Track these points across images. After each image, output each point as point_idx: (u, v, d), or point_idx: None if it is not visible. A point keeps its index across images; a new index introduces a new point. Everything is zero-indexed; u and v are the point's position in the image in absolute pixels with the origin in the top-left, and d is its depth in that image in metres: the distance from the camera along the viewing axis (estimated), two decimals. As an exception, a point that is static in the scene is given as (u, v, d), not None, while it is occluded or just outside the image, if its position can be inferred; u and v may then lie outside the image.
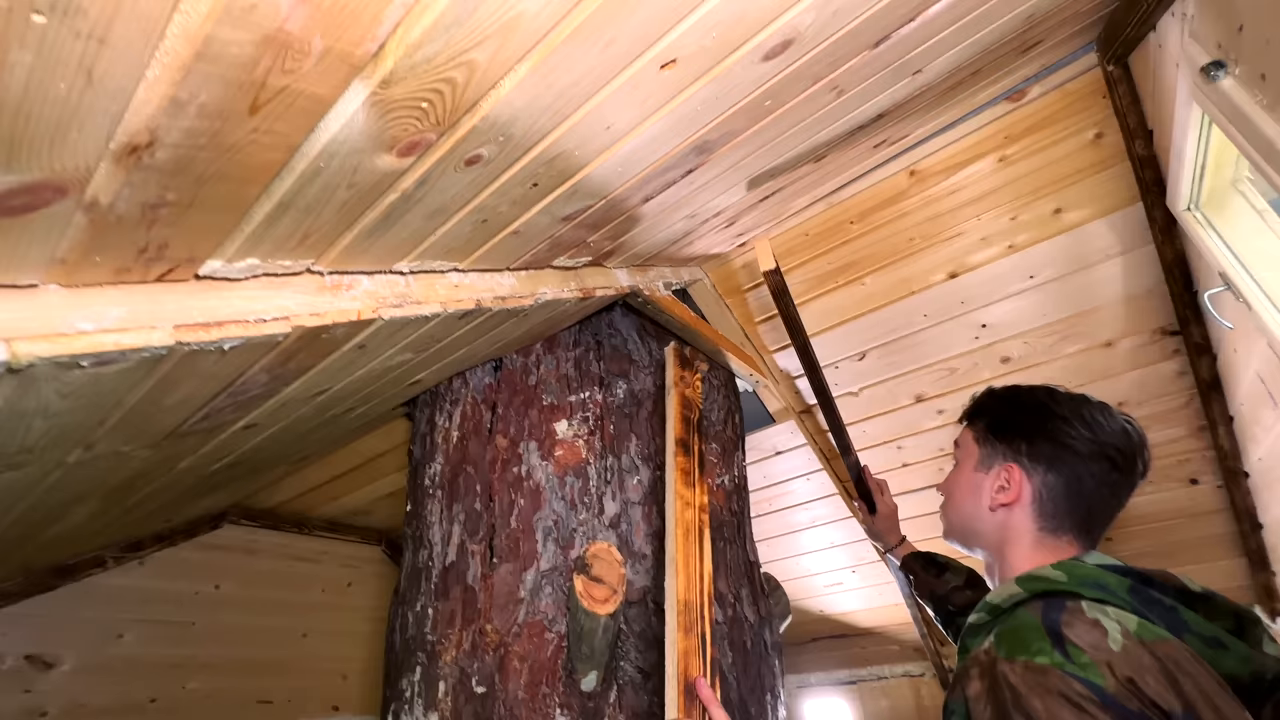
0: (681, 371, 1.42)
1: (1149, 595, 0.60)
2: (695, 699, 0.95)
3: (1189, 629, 0.57)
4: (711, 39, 0.58)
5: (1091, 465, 0.73)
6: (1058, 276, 1.52)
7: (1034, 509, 0.75)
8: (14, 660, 1.83)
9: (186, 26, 0.33)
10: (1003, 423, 0.81)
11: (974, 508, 0.81)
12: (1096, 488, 0.74)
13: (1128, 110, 1.26)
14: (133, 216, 0.47)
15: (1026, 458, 0.76)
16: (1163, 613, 0.59)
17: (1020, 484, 0.76)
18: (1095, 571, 0.64)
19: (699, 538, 1.14)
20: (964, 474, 0.84)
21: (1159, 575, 0.63)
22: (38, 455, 0.73)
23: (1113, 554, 1.92)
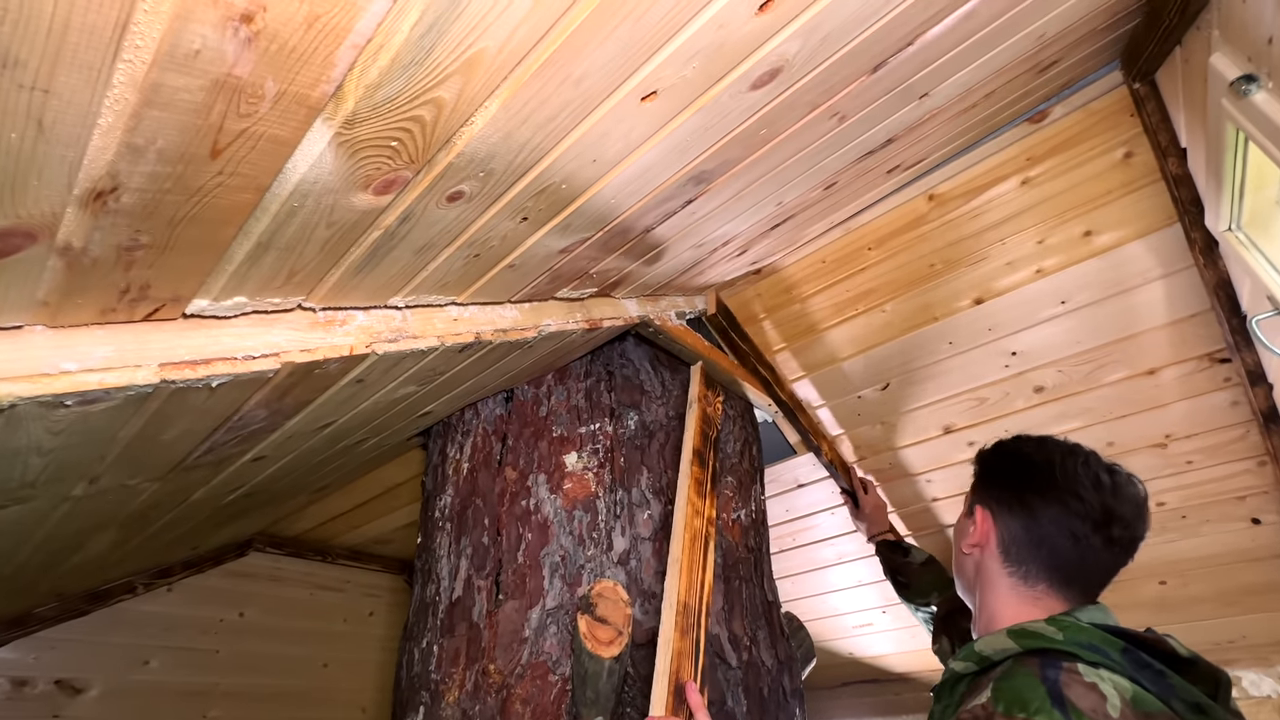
0: (705, 390, 1.41)
1: (1141, 659, 0.61)
2: (683, 703, 0.93)
3: (1176, 695, 0.58)
4: (692, 70, 0.57)
5: (1049, 510, 0.74)
6: (1092, 301, 1.45)
7: (999, 552, 0.77)
8: (44, 685, 1.87)
9: (132, 75, 0.33)
10: (988, 470, 0.85)
11: (956, 551, 0.85)
12: (1058, 535, 0.73)
13: (1158, 128, 1.20)
14: (108, 259, 0.47)
15: (994, 501, 0.80)
16: (1153, 677, 0.59)
17: (984, 526, 0.79)
18: (1090, 631, 0.64)
19: (705, 547, 1.11)
20: (959, 521, 0.87)
21: (1151, 639, 0.64)
22: (41, 490, 0.75)
23: (1169, 601, 1.78)
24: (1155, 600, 1.84)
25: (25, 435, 0.58)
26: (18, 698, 1.81)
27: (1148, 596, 1.85)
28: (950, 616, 1.18)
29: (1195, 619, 1.84)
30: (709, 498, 1.21)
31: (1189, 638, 1.88)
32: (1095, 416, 1.59)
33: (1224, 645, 1.88)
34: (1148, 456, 1.60)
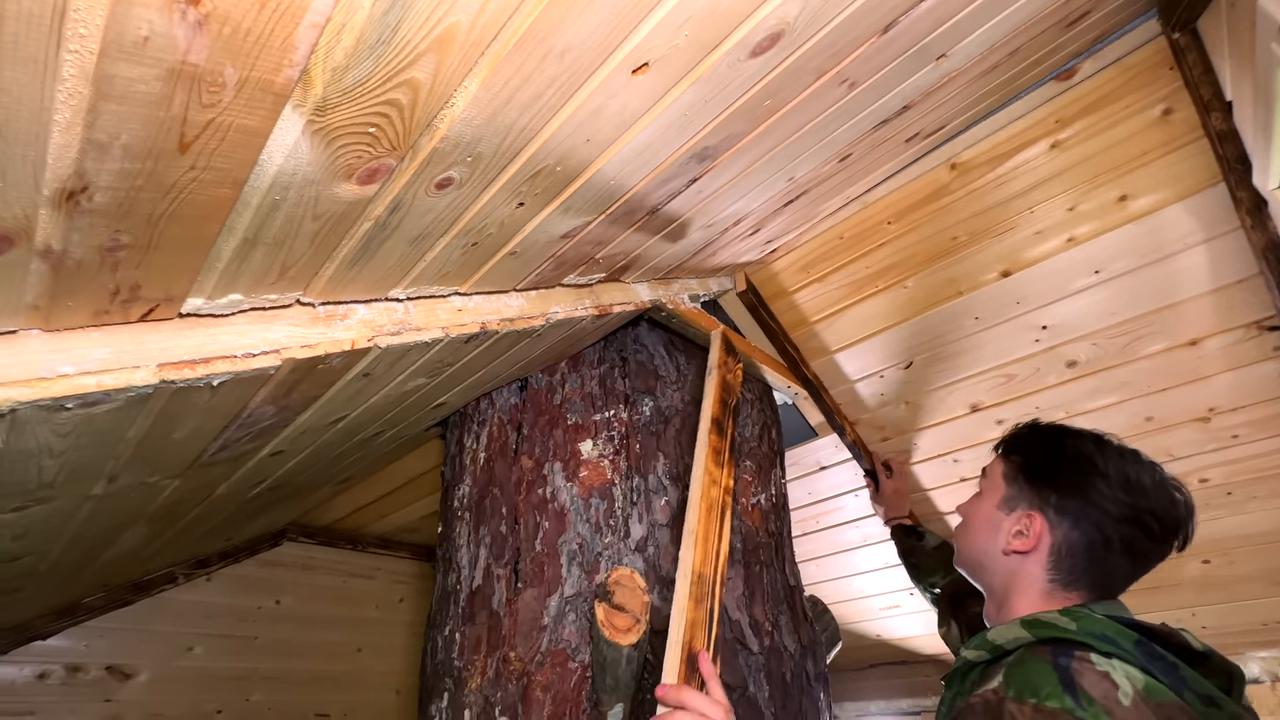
0: (725, 357, 1.38)
1: (1154, 651, 0.60)
2: (696, 671, 0.91)
3: (1188, 687, 0.57)
4: (684, 38, 0.54)
5: (1122, 529, 0.70)
6: (1128, 270, 1.37)
7: (1049, 561, 0.73)
8: (96, 671, 1.96)
9: (82, 66, 0.32)
10: (1037, 466, 0.78)
11: (987, 545, 0.79)
12: (1122, 553, 0.70)
13: (1200, 81, 1.12)
14: (92, 261, 0.47)
15: (1053, 509, 0.74)
16: (1166, 669, 0.58)
17: (1040, 535, 0.73)
18: (1104, 623, 0.63)
19: (721, 517, 1.09)
20: (984, 507, 0.81)
21: (1164, 631, 0.63)
22: (61, 490, 0.76)
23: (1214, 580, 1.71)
24: (1199, 580, 1.77)
25: (33, 439, 0.59)
26: (72, 683, 1.90)
27: (1190, 576, 1.78)
28: (957, 599, 1.15)
29: (1241, 599, 1.77)
30: (727, 467, 1.18)
31: (1235, 618, 1.81)
32: (1132, 391, 1.52)
33: (1272, 626, 1.81)
34: (1189, 431, 1.53)
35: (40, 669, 1.84)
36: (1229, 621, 1.84)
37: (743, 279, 1.57)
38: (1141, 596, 1.93)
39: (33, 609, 1.66)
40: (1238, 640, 1.89)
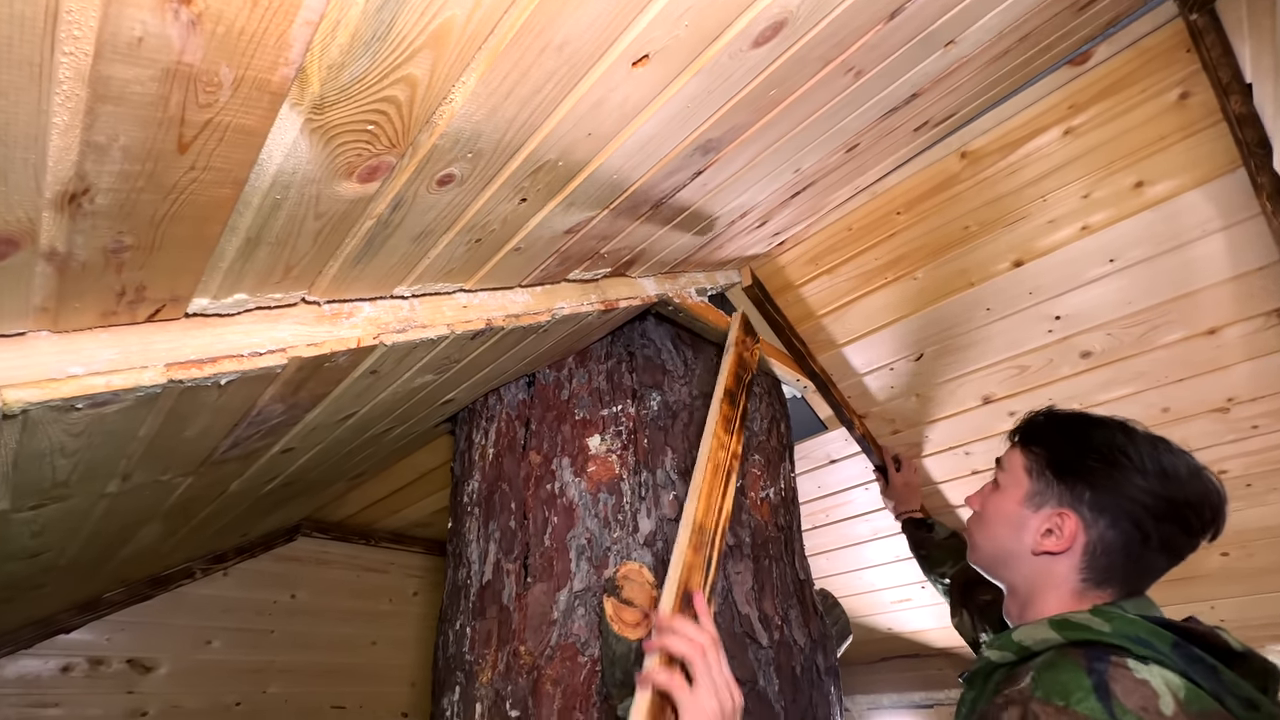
0: (743, 335, 1.40)
1: (1192, 653, 0.57)
2: (690, 608, 0.92)
3: (1229, 690, 0.55)
4: (684, 29, 0.53)
5: (1161, 525, 0.66)
6: (1144, 258, 1.34)
7: (1082, 561, 0.69)
8: (118, 664, 2.00)
9: (78, 68, 0.32)
10: (1066, 461, 0.72)
11: (1013, 544, 0.74)
12: (1159, 549, 0.67)
13: (1219, 63, 1.09)
14: (97, 262, 0.47)
15: (1088, 507, 0.69)
16: (1205, 672, 0.55)
17: (1074, 535, 0.69)
18: (1139, 624, 0.60)
19: (726, 479, 1.12)
20: (1007, 503, 0.76)
21: (1202, 631, 0.60)
22: (75, 489, 0.77)
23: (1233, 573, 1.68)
24: (1218, 572, 1.74)
25: (46, 439, 0.60)
26: (95, 675, 1.94)
27: (1210, 568, 1.75)
28: (967, 587, 1.13)
29: (1261, 591, 1.74)
30: (736, 435, 1.20)
31: (1255, 611, 1.78)
32: (1149, 381, 1.49)
33: (1294, 618, 1.78)
34: (1208, 422, 1.50)
35: (64, 662, 1.88)
36: (1249, 615, 1.81)
37: (748, 274, 1.55)
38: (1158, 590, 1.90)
39: (55, 603, 1.69)
40: (1257, 633, 1.86)
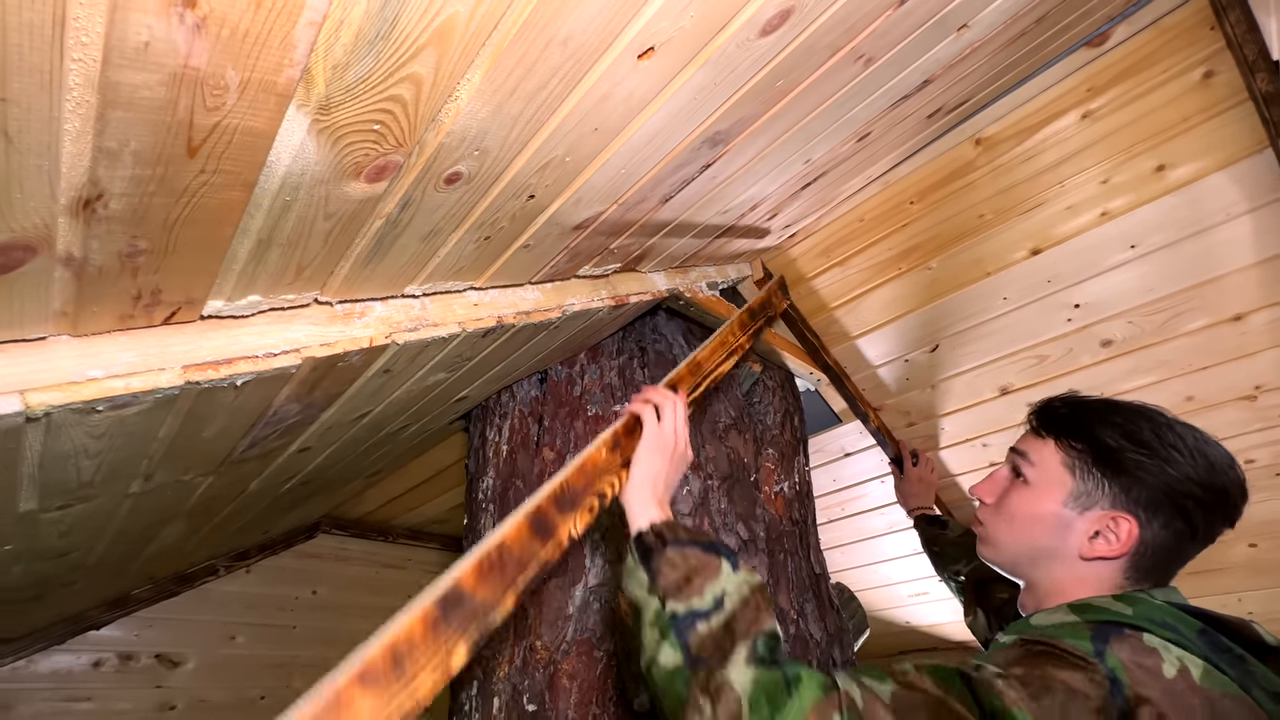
0: (777, 289, 1.44)
1: (1220, 642, 0.54)
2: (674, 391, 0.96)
3: (1257, 683, 0.51)
4: (690, 19, 0.53)
5: (1208, 517, 0.63)
6: (1166, 244, 1.31)
7: (1130, 562, 0.65)
8: (147, 659, 2.05)
9: (87, 74, 0.32)
10: (1115, 458, 0.66)
11: (1052, 547, 0.69)
12: (1202, 541, 0.65)
13: (1244, 40, 1.06)
14: (113, 266, 0.48)
15: (1143, 508, 0.64)
16: (1232, 662, 0.52)
17: (1130, 538, 0.64)
18: (1164, 609, 0.57)
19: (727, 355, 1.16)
20: (1045, 503, 0.70)
21: (1233, 622, 0.57)
22: (100, 489, 0.79)
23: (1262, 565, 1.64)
24: (1246, 564, 1.71)
25: (69, 441, 0.61)
26: (125, 670, 1.99)
27: (1237, 560, 1.71)
28: (981, 586, 1.11)
29: (1292, 583, 1.70)
30: (746, 336, 1.24)
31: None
32: (1172, 370, 1.46)
33: (1326, 610, 1.73)
34: (1234, 410, 1.47)
35: (95, 657, 1.93)
36: (1277, 607, 1.77)
37: (759, 267, 1.54)
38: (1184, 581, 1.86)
39: (86, 601, 1.74)
40: (1288, 626, 1.82)
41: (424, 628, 0.53)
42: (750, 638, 0.59)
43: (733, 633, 0.59)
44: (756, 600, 0.63)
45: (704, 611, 0.61)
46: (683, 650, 0.58)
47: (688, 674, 0.57)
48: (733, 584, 0.64)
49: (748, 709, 0.53)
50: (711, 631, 0.59)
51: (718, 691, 0.55)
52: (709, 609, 0.61)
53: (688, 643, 0.59)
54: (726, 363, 1.14)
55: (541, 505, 0.69)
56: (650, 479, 0.77)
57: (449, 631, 0.55)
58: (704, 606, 0.61)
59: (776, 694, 0.54)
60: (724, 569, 0.65)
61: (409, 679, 0.50)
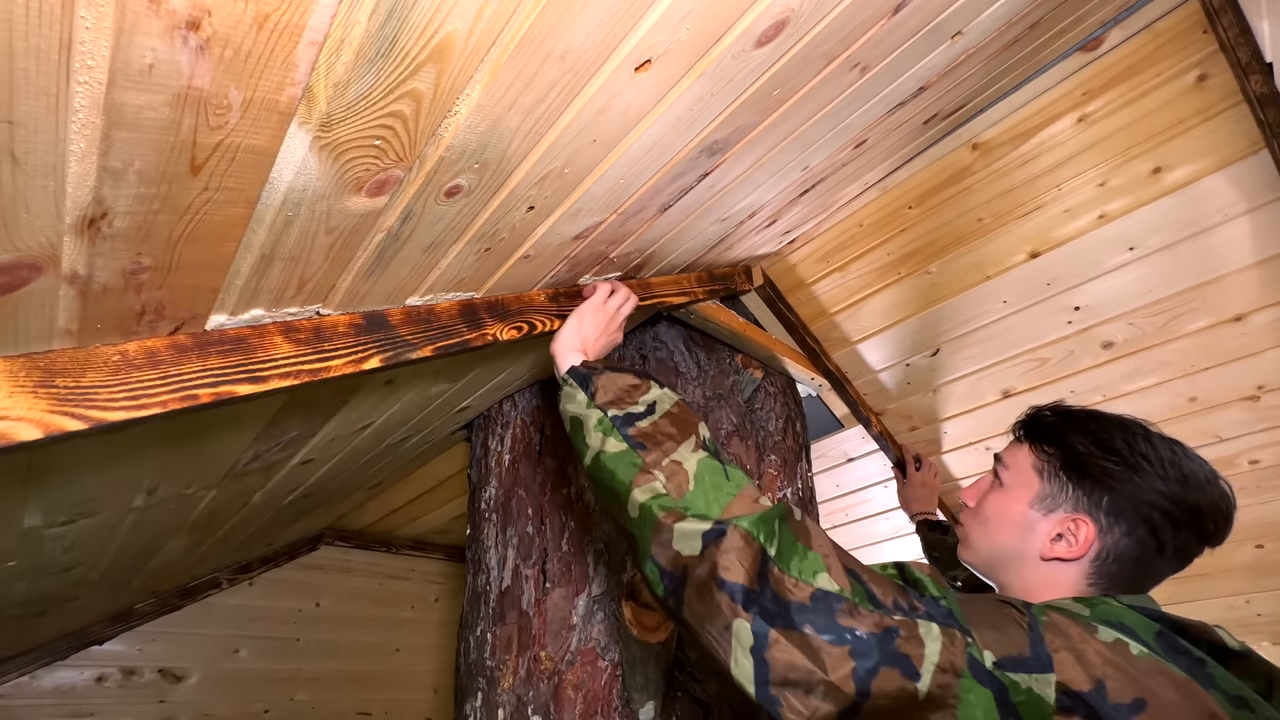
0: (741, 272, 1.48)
1: (1177, 644, 0.53)
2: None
3: (1215, 685, 0.51)
4: (686, 32, 0.53)
5: (1178, 534, 0.63)
6: (1165, 245, 1.31)
7: (1091, 568, 0.65)
8: (150, 674, 2.04)
9: (92, 97, 0.33)
10: (1083, 463, 0.67)
11: (1017, 548, 0.70)
12: (1173, 557, 0.64)
13: (1237, 43, 1.06)
14: (117, 284, 0.48)
15: (1104, 513, 0.65)
16: (1190, 664, 0.52)
17: (1089, 542, 0.65)
18: (1123, 610, 0.57)
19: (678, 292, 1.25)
20: (1013, 504, 0.71)
21: (1193, 626, 0.56)
22: (104, 504, 0.79)
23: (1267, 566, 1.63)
24: (1251, 565, 1.70)
25: (74, 456, 0.61)
26: (128, 685, 1.98)
27: (1243, 561, 1.70)
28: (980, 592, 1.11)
29: (1299, 584, 1.69)
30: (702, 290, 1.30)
31: (1293, 604, 1.73)
32: (1174, 371, 1.46)
33: (1334, 611, 1.72)
34: (1237, 411, 1.46)
35: (98, 672, 1.92)
36: (1287, 608, 1.76)
37: (759, 273, 1.55)
38: (1191, 583, 1.86)
39: (89, 615, 1.74)
40: (1296, 627, 1.81)
41: (347, 325, 0.67)
42: (694, 433, 0.70)
43: (676, 427, 0.70)
44: (682, 408, 0.74)
45: (639, 414, 0.72)
46: (627, 440, 0.68)
47: (637, 456, 0.67)
48: (660, 394, 0.75)
49: (693, 483, 0.63)
50: (653, 425, 0.70)
51: (670, 468, 0.65)
52: (644, 412, 0.72)
53: (629, 434, 0.69)
54: (675, 298, 1.24)
55: (475, 302, 0.82)
56: (581, 334, 0.88)
57: (367, 340, 0.68)
58: (639, 410, 0.72)
59: (718, 477, 0.64)
60: (652, 385, 0.77)
61: (324, 353, 0.64)
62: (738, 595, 0.53)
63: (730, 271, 1.37)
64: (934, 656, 0.50)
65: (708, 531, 0.57)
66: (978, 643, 0.51)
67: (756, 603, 0.52)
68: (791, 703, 0.50)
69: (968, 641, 0.51)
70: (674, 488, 0.63)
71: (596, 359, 0.86)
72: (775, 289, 1.63)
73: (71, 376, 0.49)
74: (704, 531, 0.57)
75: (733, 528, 0.57)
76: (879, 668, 0.49)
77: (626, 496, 0.65)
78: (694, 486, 0.62)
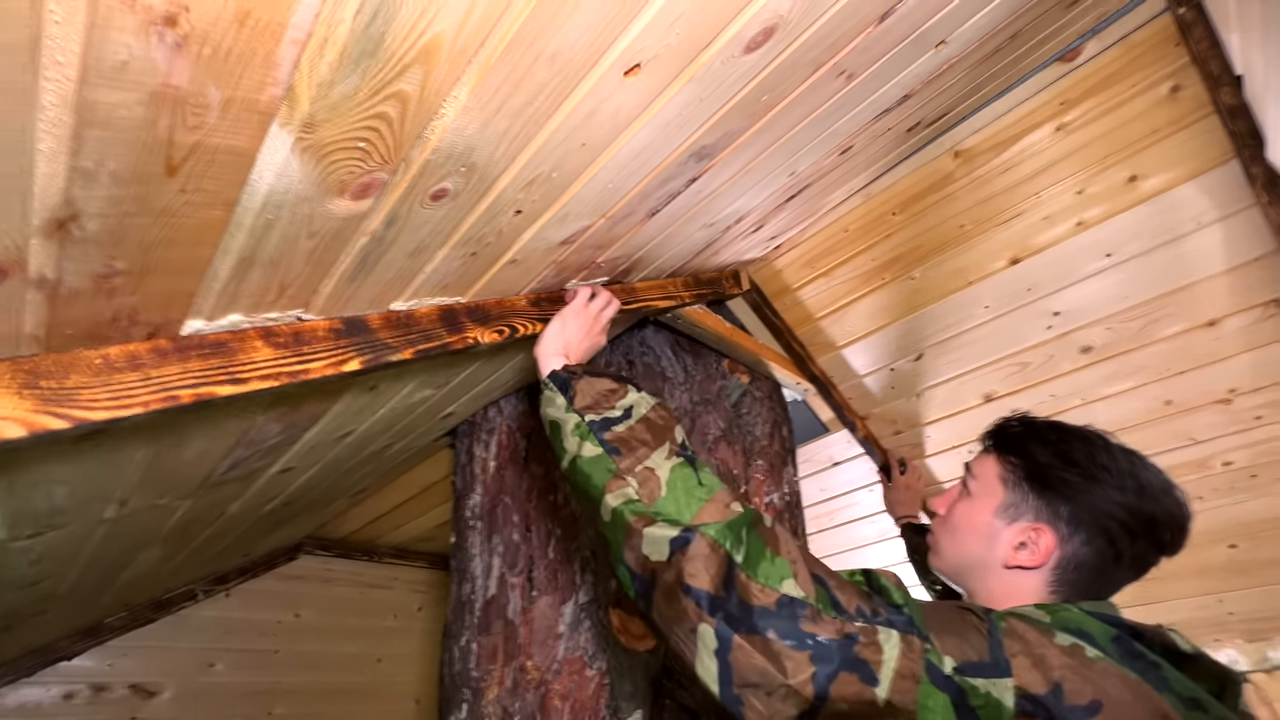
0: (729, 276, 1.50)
1: (1133, 649, 0.55)
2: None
3: (1170, 688, 0.52)
4: (675, 37, 0.53)
5: (1136, 543, 0.65)
6: (1141, 252, 1.34)
7: (1052, 575, 0.67)
8: (121, 690, 1.97)
9: (63, 94, 0.32)
10: (1044, 474, 0.69)
11: (982, 555, 0.71)
12: (1130, 566, 0.66)
13: (1207, 56, 1.09)
14: (87, 289, 0.46)
15: (1064, 522, 0.67)
16: (1145, 668, 0.53)
17: (1049, 551, 0.67)
18: (1081, 616, 0.58)
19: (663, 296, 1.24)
20: (979, 513, 0.73)
21: (1149, 630, 0.58)
22: (73, 516, 0.77)
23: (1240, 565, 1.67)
24: (1225, 565, 1.73)
25: (42, 467, 0.59)
26: (98, 702, 1.92)
27: (1216, 561, 1.74)
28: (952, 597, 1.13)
29: (1269, 583, 1.73)
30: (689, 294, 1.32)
31: (1265, 603, 1.77)
32: (1150, 375, 1.49)
33: (1304, 609, 1.77)
34: (1211, 414, 1.50)
35: (66, 689, 1.86)
36: (1257, 606, 1.80)
37: (745, 279, 1.55)
38: (1166, 584, 1.89)
39: (56, 630, 1.68)
40: (1267, 625, 1.85)
41: (326, 329, 0.67)
42: (669, 439, 0.70)
43: (652, 433, 0.70)
44: (660, 412, 0.75)
45: (616, 419, 0.72)
46: (602, 445, 0.69)
47: (612, 461, 0.67)
48: (638, 399, 0.75)
49: (665, 489, 0.64)
50: (629, 430, 0.70)
51: (643, 474, 0.65)
52: (620, 416, 0.72)
53: (605, 439, 0.69)
54: (660, 301, 1.23)
55: (455, 307, 0.82)
56: (564, 338, 0.88)
57: (346, 343, 0.68)
58: (616, 415, 0.72)
59: (690, 483, 0.65)
60: (630, 390, 0.77)
61: (304, 355, 0.64)
62: (703, 601, 0.55)
63: (718, 276, 1.37)
64: (892, 662, 0.51)
65: (675, 538, 0.59)
66: (937, 649, 0.53)
67: (721, 608, 0.54)
68: (753, 703, 0.52)
69: (926, 648, 0.52)
70: (646, 494, 0.64)
71: (579, 363, 0.87)
72: (761, 294, 1.64)
73: (55, 379, 0.50)
74: (671, 538, 0.59)
75: (700, 535, 0.58)
76: (838, 672, 0.51)
77: (600, 501, 0.66)
78: (665, 492, 0.64)
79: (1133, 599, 0.67)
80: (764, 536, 0.60)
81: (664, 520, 0.61)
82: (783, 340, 1.69)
